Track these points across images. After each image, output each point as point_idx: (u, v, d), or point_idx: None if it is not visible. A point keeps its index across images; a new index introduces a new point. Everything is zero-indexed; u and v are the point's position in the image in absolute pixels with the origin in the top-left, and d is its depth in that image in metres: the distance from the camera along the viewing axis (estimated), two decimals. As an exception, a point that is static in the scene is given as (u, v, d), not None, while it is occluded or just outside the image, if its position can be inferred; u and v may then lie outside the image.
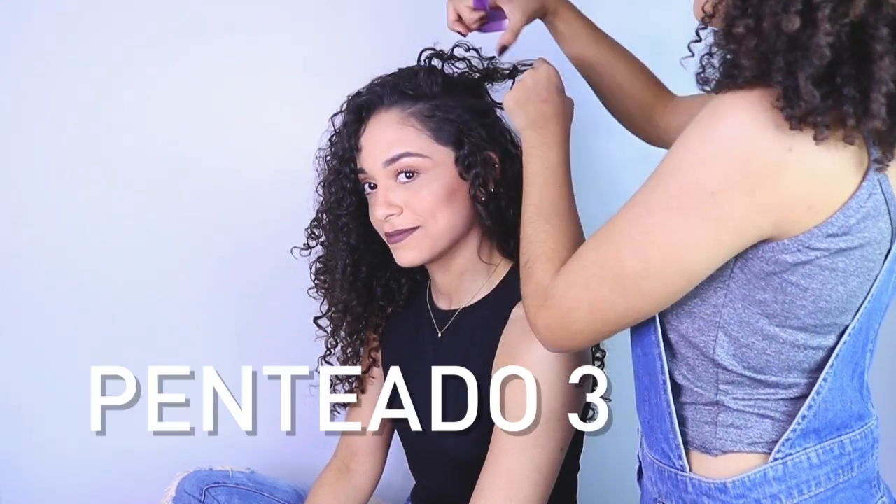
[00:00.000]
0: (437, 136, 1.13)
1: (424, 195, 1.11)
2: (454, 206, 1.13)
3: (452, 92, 1.15)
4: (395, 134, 1.12)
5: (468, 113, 1.14)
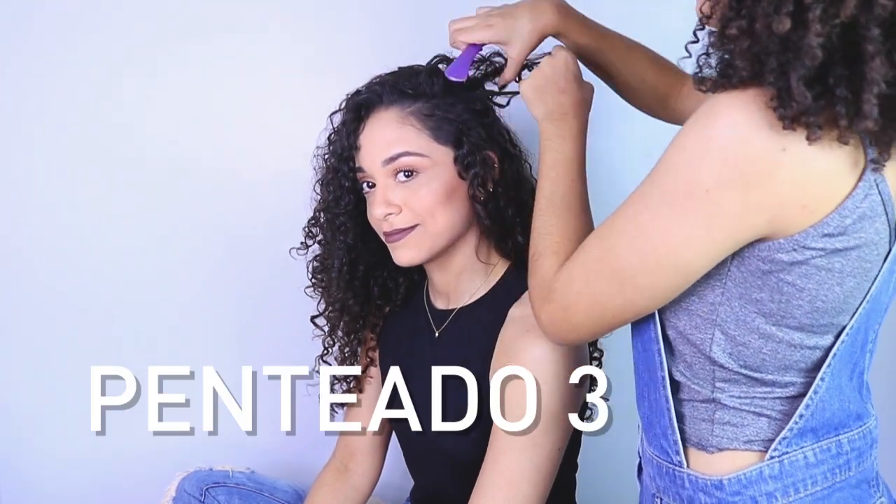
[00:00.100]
0: (436, 135, 1.13)
1: (423, 194, 1.11)
2: (453, 205, 1.13)
3: (452, 91, 1.15)
4: (394, 133, 1.12)
5: (468, 112, 1.14)
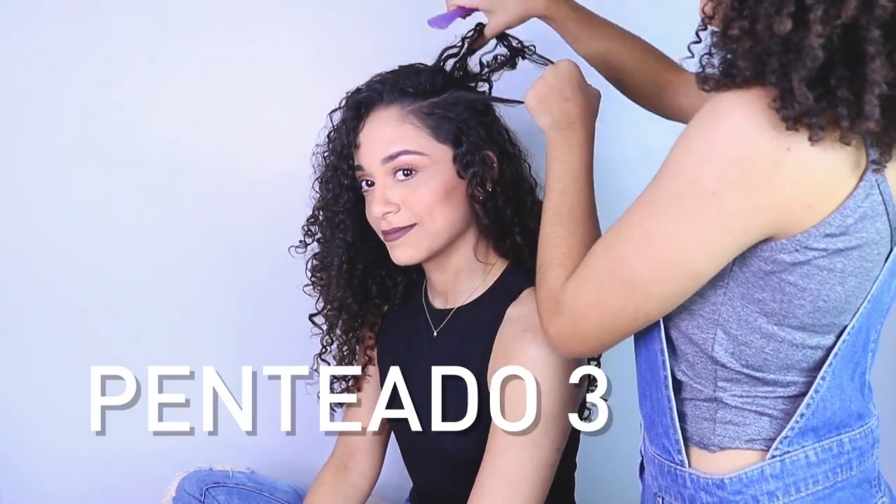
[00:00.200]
0: (435, 134, 1.12)
1: (422, 193, 1.11)
2: (452, 204, 1.13)
3: (452, 90, 1.15)
4: (394, 131, 1.12)
5: (467, 112, 1.14)
